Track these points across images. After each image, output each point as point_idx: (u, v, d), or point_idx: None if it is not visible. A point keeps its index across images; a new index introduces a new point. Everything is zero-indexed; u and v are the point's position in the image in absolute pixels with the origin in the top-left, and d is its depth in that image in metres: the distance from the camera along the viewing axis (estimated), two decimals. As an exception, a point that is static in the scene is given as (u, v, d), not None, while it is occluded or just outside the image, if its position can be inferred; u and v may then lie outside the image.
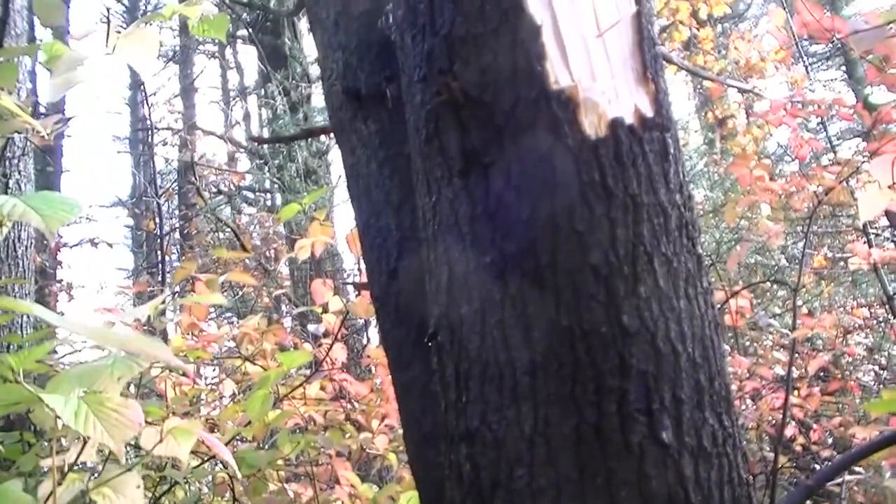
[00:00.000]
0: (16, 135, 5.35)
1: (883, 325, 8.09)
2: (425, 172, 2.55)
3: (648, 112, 2.40)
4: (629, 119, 2.35)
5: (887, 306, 6.13)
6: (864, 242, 5.08)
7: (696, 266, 2.37)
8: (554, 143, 2.28)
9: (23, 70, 5.53)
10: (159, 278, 11.09)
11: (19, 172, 5.68)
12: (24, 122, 1.33)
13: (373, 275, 3.15)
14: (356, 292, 4.65)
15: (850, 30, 2.65)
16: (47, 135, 1.63)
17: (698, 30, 10.86)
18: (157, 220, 10.08)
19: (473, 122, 2.39)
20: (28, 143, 5.95)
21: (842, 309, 8.68)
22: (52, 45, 1.64)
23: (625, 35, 2.52)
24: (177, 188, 15.57)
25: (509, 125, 2.33)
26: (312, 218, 3.74)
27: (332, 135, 3.64)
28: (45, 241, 11.63)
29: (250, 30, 12.70)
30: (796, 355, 5.02)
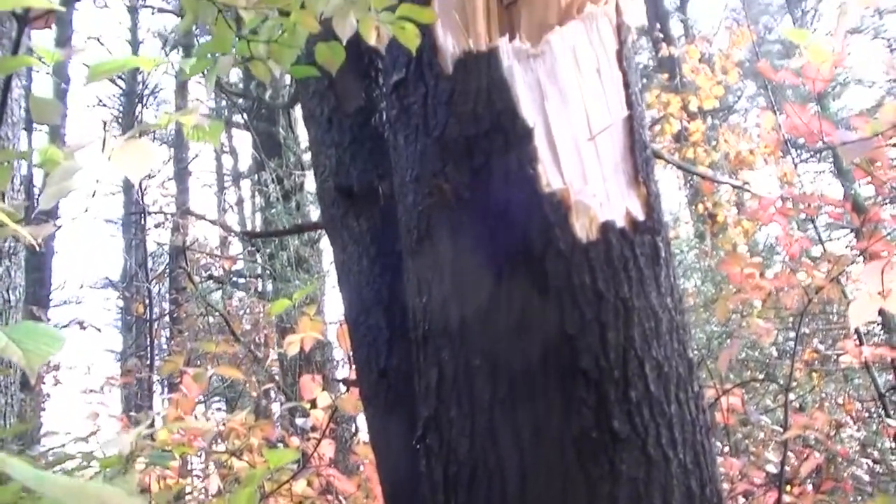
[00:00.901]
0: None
1: (875, 419, 8.05)
2: (416, 272, 2.54)
3: (640, 216, 2.42)
4: (620, 222, 2.36)
5: (879, 403, 6.11)
6: (855, 339, 5.07)
7: (687, 370, 2.35)
8: (545, 245, 2.28)
9: (18, 174, 5.59)
10: (147, 362, 11.01)
11: (10, 259, 5.67)
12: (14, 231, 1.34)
13: (362, 372, 3.12)
14: (345, 389, 4.60)
15: (838, 134, 2.69)
16: (38, 244, 1.64)
17: (689, 123, 11.00)
18: (148, 304, 10.05)
19: (465, 223, 2.40)
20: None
21: (834, 402, 8.64)
22: (46, 149, 1.65)
23: (617, 138, 2.55)
24: (168, 271, 15.58)
25: (501, 227, 2.34)
26: (303, 312, 3.74)
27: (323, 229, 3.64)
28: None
29: (245, 116, 12.85)
30: (789, 454, 4.99)
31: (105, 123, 1.41)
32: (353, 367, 3.37)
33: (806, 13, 22.31)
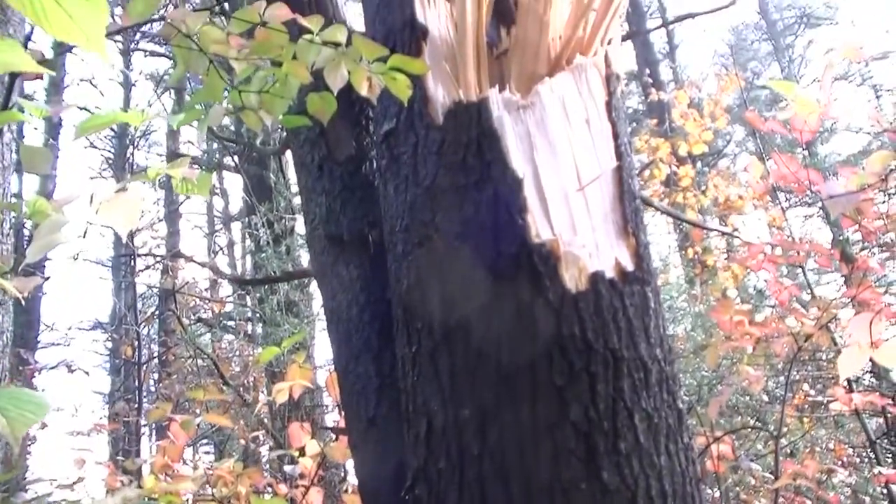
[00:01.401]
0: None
1: (867, 465, 8.03)
2: (406, 322, 2.54)
3: (629, 266, 2.42)
4: (610, 273, 2.36)
5: (870, 450, 6.09)
6: (845, 385, 5.07)
7: (676, 421, 2.34)
8: (535, 296, 2.28)
9: (8, 220, 5.59)
10: (135, 406, 10.92)
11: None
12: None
13: (351, 420, 3.10)
14: (334, 437, 4.58)
15: (826, 187, 2.71)
16: (23, 298, 1.63)
17: (678, 167, 11.05)
18: (137, 347, 9.99)
19: (454, 272, 2.40)
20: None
21: (825, 448, 8.61)
22: (35, 200, 1.65)
23: (606, 189, 2.56)
24: (157, 314, 15.53)
25: (490, 277, 2.34)
26: (292, 360, 3.73)
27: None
28: (20, 368, 11.52)
29: (236, 159, 12.87)
30: (780, 501, 4.97)
31: (92, 178, 1.41)
32: (342, 414, 3.35)
33: (793, 60, 22.53)
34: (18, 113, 1.62)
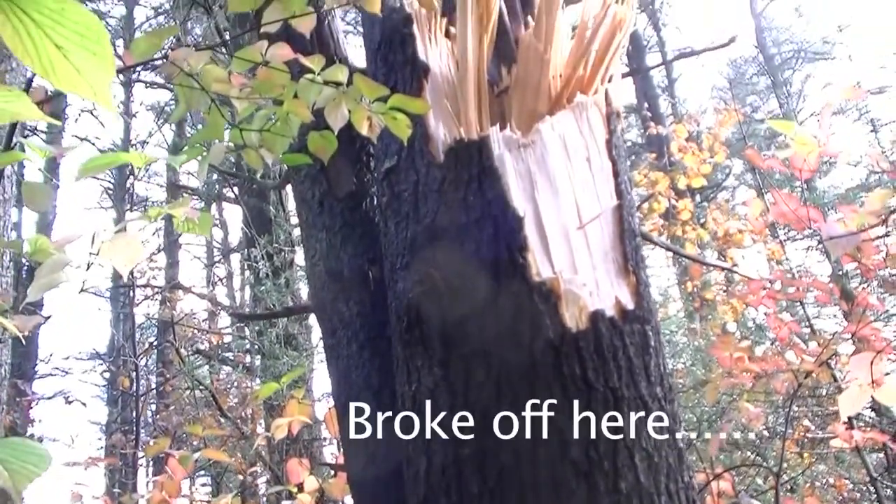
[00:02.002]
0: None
1: (867, 500, 7.98)
2: (406, 360, 2.53)
3: (629, 304, 2.42)
4: (610, 312, 2.36)
5: (871, 487, 6.06)
6: (846, 422, 5.05)
7: (677, 460, 2.33)
8: (535, 334, 2.28)
9: (7, 257, 5.61)
10: (133, 438, 10.88)
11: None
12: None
13: (351, 457, 3.09)
14: (333, 473, 4.55)
15: (825, 228, 2.72)
16: (23, 337, 1.63)
17: (677, 201, 11.06)
18: (134, 378, 9.96)
19: (455, 311, 2.40)
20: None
21: (825, 483, 8.56)
22: (36, 239, 1.65)
23: (606, 227, 2.56)
24: (155, 344, 15.48)
25: (491, 316, 2.34)
26: (291, 396, 3.71)
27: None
28: (17, 399, 11.48)
29: (236, 191, 12.88)
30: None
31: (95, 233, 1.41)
32: (342, 450, 3.34)
33: (791, 94, 22.64)
34: (21, 153, 1.62)
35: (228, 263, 18.85)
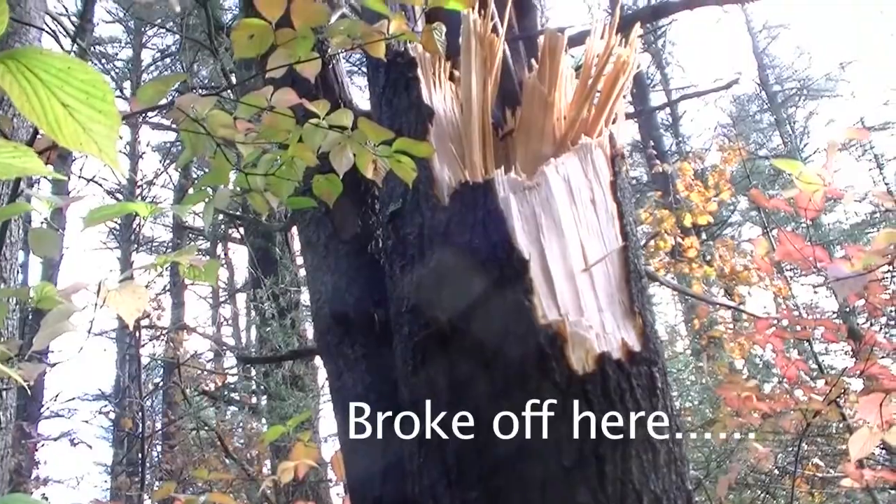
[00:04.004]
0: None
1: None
2: (412, 404, 2.52)
3: (636, 346, 2.41)
4: (617, 354, 2.35)
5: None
6: (856, 462, 5.01)
7: (685, 503, 2.32)
8: (542, 377, 2.27)
9: (13, 303, 5.63)
10: (137, 479, 10.82)
11: (2, 381, 5.63)
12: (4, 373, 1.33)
13: (357, 500, 3.07)
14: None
15: (832, 270, 2.72)
16: (27, 386, 1.63)
17: (683, 239, 11.05)
18: (140, 420, 9.92)
19: (461, 355, 2.39)
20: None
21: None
22: (42, 287, 1.65)
23: (612, 269, 2.56)
24: (161, 385, 15.45)
25: (497, 359, 2.33)
26: (298, 439, 3.70)
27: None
28: (22, 441, 11.44)
29: (242, 231, 12.92)
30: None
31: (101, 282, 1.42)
32: (348, 493, 3.31)
33: (795, 131, 22.68)
34: (27, 205, 1.63)
35: (234, 304, 18.83)
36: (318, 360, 9.62)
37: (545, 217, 2.52)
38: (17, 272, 6.52)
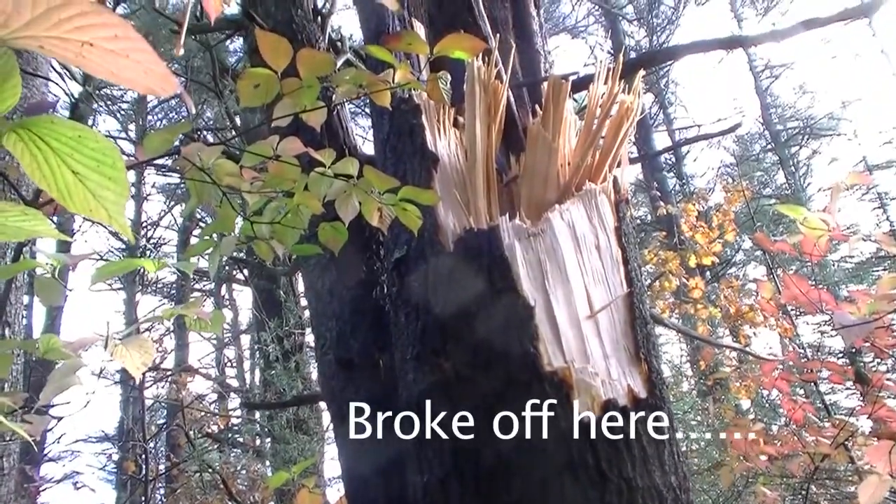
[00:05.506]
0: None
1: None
2: (417, 449, 2.51)
3: (642, 393, 2.40)
4: (622, 401, 2.34)
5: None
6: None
7: (694, 552, 2.30)
8: (547, 425, 2.25)
9: (18, 363, 5.64)
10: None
11: (7, 434, 5.60)
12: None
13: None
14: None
15: (837, 317, 2.71)
16: (33, 441, 1.63)
17: (688, 279, 11.04)
18: (144, 463, 9.86)
19: (465, 402, 2.38)
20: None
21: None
22: (48, 339, 1.65)
23: (617, 315, 2.56)
24: (165, 427, 15.37)
25: (501, 406, 2.32)
26: (302, 484, 3.68)
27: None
28: (24, 485, 11.37)
29: (246, 274, 12.91)
30: None
31: (108, 323, 1.42)
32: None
33: (798, 170, 22.72)
34: (33, 262, 1.64)
35: (238, 345, 18.78)
36: (322, 404, 9.59)
37: (550, 263, 2.52)
38: (23, 316, 6.51)
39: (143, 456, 9.98)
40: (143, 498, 10.58)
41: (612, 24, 19.77)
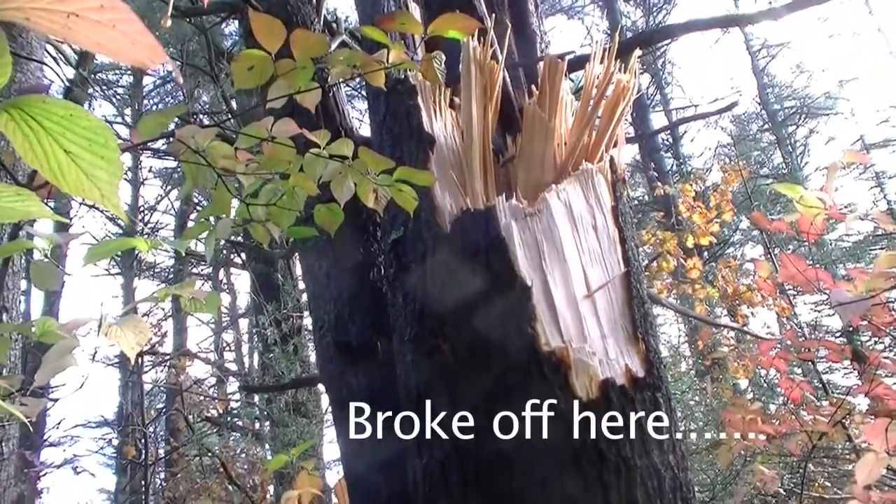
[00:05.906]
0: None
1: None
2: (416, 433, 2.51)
3: (640, 372, 2.40)
4: (620, 380, 2.34)
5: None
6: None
7: (692, 530, 2.30)
8: (546, 407, 2.25)
9: (16, 348, 5.64)
10: (141, 508, 10.76)
11: (5, 417, 5.60)
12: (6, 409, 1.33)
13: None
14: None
15: (834, 295, 2.71)
16: (29, 423, 1.63)
17: (685, 260, 11.03)
18: (143, 448, 9.88)
19: (464, 383, 2.38)
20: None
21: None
22: (44, 322, 1.65)
23: (615, 294, 2.55)
24: (164, 411, 15.38)
25: (500, 387, 2.32)
26: (301, 467, 3.67)
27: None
28: (24, 470, 11.39)
29: (243, 257, 12.90)
30: None
31: (101, 304, 1.42)
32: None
33: (795, 149, 22.69)
34: (28, 242, 1.64)
35: (237, 329, 18.76)
36: (321, 387, 9.60)
37: (547, 244, 2.52)
38: (20, 302, 6.52)
39: (143, 440, 9.99)
40: (142, 482, 10.60)
41: (609, 4, 19.69)
